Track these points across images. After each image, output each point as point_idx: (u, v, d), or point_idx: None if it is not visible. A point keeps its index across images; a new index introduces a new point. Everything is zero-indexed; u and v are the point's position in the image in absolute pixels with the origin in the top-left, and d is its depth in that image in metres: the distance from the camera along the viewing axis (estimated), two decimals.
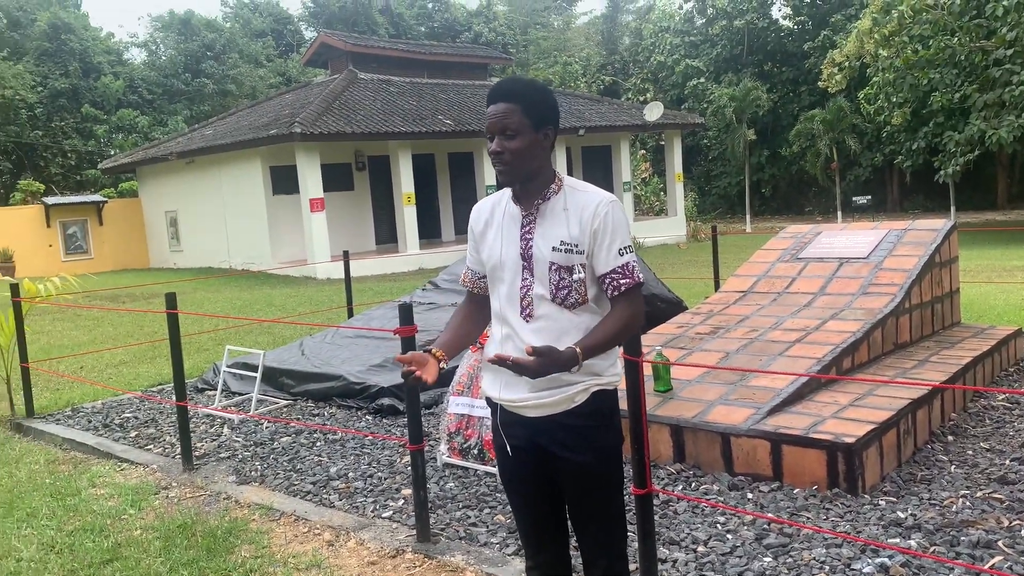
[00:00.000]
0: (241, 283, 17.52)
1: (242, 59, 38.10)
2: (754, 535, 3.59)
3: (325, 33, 25.66)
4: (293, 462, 5.09)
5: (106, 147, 32.54)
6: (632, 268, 2.29)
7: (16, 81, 30.12)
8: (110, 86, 33.63)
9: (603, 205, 2.28)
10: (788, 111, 34.04)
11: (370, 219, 21.85)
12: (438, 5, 47.41)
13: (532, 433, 2.36)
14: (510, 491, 2.53)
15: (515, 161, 2.27)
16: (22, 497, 4.79)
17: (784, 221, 30.17)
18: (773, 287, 6.21)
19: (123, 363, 8.69)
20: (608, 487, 2.39)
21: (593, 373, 2.30)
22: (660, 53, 38.68)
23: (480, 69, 25.98)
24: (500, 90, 2.31)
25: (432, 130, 19.76)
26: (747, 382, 4.71)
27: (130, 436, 5.94)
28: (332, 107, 19.63)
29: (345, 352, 6.88)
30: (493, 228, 2.41)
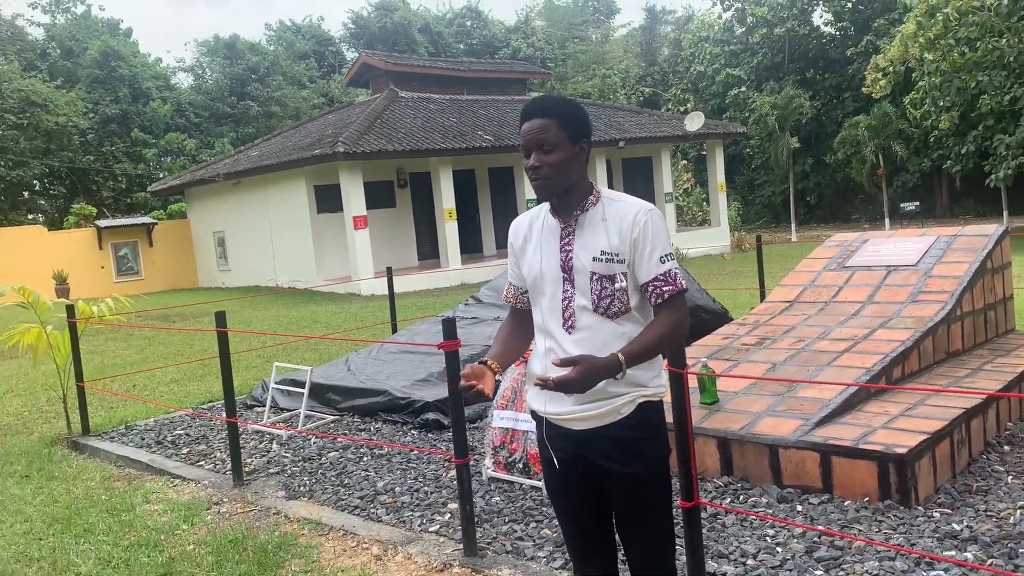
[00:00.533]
0: (288, 300, 17.78)
1: (286, 81, 38.80)
2: (804, 548, 3.53)
3: (366, 53, 26.02)
4: (341, 477, 5.14)
5: (155, 170, 33.32)
6: (675, 275, 2.28)
7: (69, 108, 31.03)
8: (158, 110, 34.48)
9: (642, 214, 2.29)
10: (832, 118, 33.60)
11: (412, 235, 22.05)
12: (476, 22, 47.83)
13: (578, 446, 2.36)
14: (557, 504, 2.53)
15: (553, 175, 2.29)
16: (79, 513, 4.91)
17: (830, 229, 29.72)
18: (820, 296, 6.13)
19: (174, 381, 8.87)
20: (656, 499, 2.37)
21: (638, 384, 2.30)
22: (700, 63, 38.49)
23: (519, 84, 26.12)
24: (535, 106, 2.33)
25: (472, 146, 19.89)
26: (795, 393, 4.65)
27: (182, 453, 6.05)
28: (374, 126, 19.88)
29: (390, 367, 6.95)
30: (532, 242, 2.43)
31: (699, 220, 29.01)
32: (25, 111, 29.92)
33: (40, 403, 8.30)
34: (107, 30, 38.17)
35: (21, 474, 5.84)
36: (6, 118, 29.73)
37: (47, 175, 32.62)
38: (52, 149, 31.20)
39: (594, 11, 53.20)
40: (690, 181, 32.65)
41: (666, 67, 43.12)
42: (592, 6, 53.35)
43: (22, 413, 7.93)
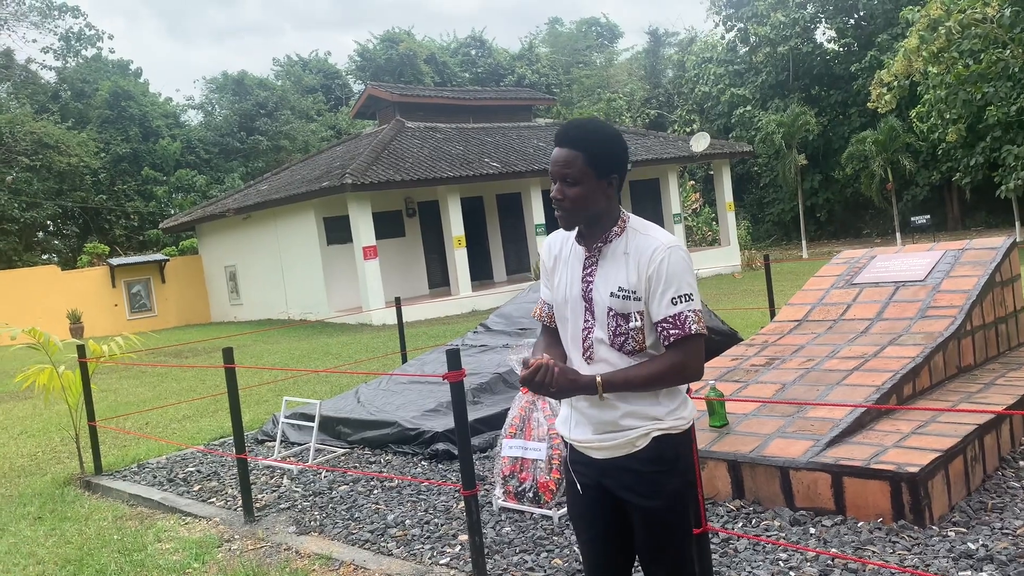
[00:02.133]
0: (300, 333, 17.83)
1: (294, 115, 39.18)
2: (818, 571, 3.49)
3: (372, 85, 26.29)
4: (351, 510, 5.12)
5: (166, 207, 33.63)
6: (684, 319, 2.21)
7: (81, 148, 31.41)
8: (168, 148, 34.86)
9: (659, 251, 2.23)
10: (839, 134, 33.60)
11: (422, 264, 22.12)
12: (481, 51, 48.25)
13: (599, 474, 2.37)
14: (578, 529, 2.52)
15: (574, 208, 2.27)
16: (91, 554, 4.90)
17: (841, 245, 29.62)
18: (828, 315, 6.10)
19: (186, 417, 8.89)
20: (675, 533, 2.35)
21: (652, 418, 2.28)
22: (704, 84, 38.64)
23: (524, 111, 26.28)
24: (566, 136, 2.28)
25: (479, 173, 20.00)
26: (804, 414, 4.62)
27: (193, 490, 6.05)
28: (381, 156, 20.02)
29: (399, 398, 6.94)
30: (561, 263, 2.41)
31: (709, 240, 28.99)
32: (38, 153, 30.31)
33: (54, 443, 8.33)
34: (117, 71, 38.73)
35: (34, 515, 5.85)
36: (19, 160, 30.13)
37: (60, 215, 32.97)
38: (65, 189, 31.57)
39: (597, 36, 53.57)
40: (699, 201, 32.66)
41: (671, 89, 43.30)
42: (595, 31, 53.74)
43: (36, 454, 7.96)
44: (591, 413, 2.32)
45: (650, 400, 2.28)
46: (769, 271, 8.87)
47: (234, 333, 18.23)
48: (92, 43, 39.18)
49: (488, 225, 23.24)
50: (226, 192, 28.93)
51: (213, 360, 12.86)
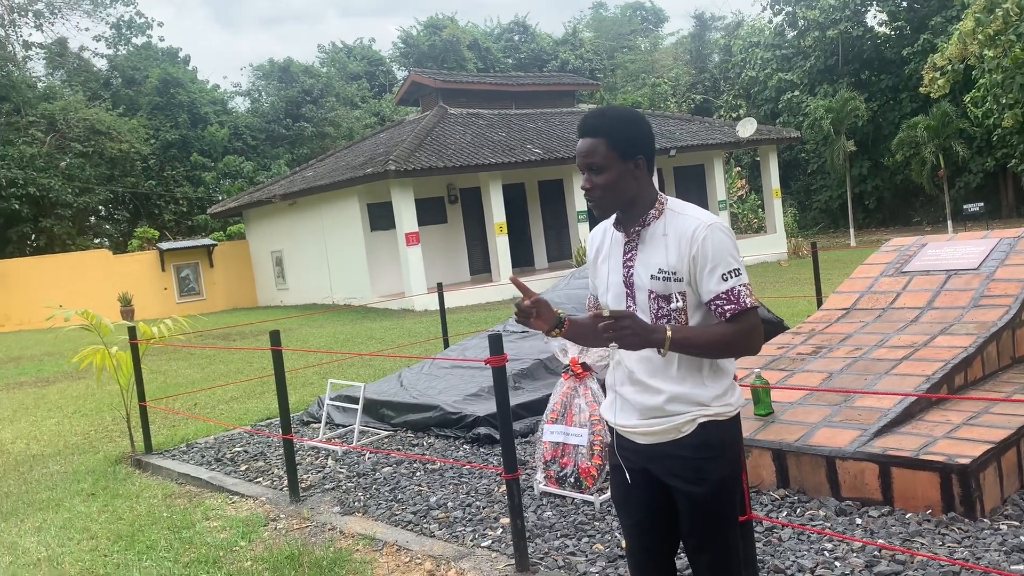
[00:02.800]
0: (343, 317, 18.03)
1: (339, 102, 39.47)
2: (864, 562, 3.44)
3: (415, 72, 26.36)
4: (394, 492, 5.18)
5: (214, 193, 34.16)
6: (737, 293, 2.20)
7: (131, 135, 32.02)
8: (216, 135, 35.37)
9: (701, 229, 2.21)
10: (889, 120, 32.87)
11: (464, 250, 22.19)
12: (524, 37, 48.07)
13: (644, 460, 2.36)
14: (622, 514, 2.51)
15: (605, 196, 2.27)
16: (142, 530, 5.03)
17: (890, 233, 29.03)
18: (877, 303, 5.99)
19: (233, 399, 9.05)
20: (721, 520, 2.33)
21: (699, 403, 2.26)
22: (751, 68, 38.05)
23: (567, 96, 26.14)
24: (585, 125, 2.29)
25: (521, 160, 19.97)
26: (852, 403, 4.55)
27: (240, 470, 6.17)
28: (424, 143, 20.09)
29: (441, 383, 6.98)
30: (603, 254, 2.42)
31: (755, 227, 28.62)
32: (90, 139, 30.97)
33: (106, 422, 8.55)
34: (167, 58, 39.33)
35: (87, 492, 6.02)
36: (73, 147, 30.82)
37: (111, 200, 33.68)
38: (116, 175, 32.22)
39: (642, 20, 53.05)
40: (744, 188, 32.24)
41: (717, 74, 42.72)
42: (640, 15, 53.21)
43: (88, 432, 8.17)
44: (636, 399, 2.31)
45: (696, 384, 2.25)
46: (816, 259, 8.73)
47: (280, 317, 18.50)
48: (142, 31, 39.84)
49: (530, 212, 23.21)
50: (272, 178, 29.30)
51: (260, 343, 13.07)
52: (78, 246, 30.15)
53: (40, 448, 7.69)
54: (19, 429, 8.66)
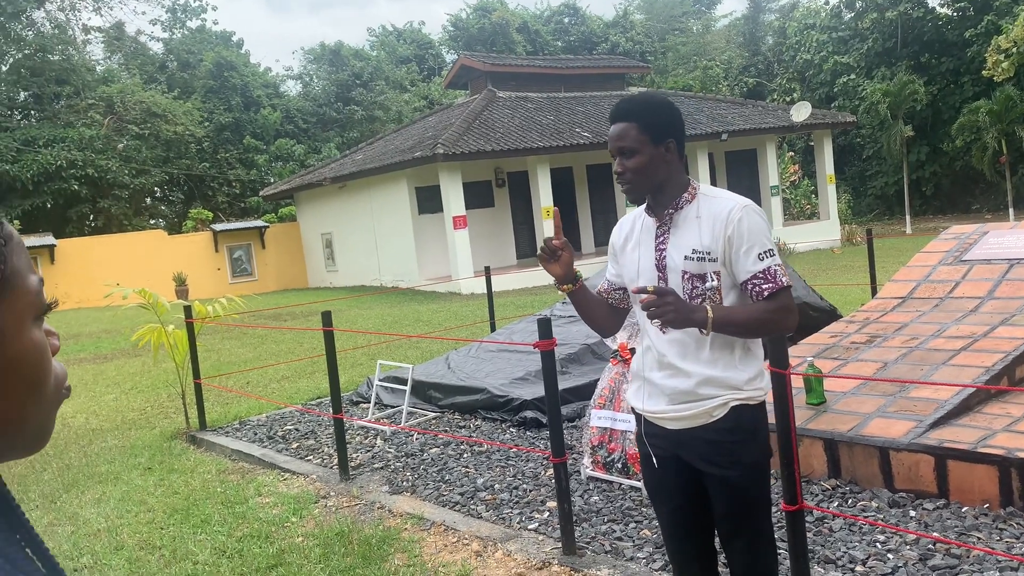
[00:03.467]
0: (391, 300, 18.19)
1: (388, 85, 39.67)
2: (918, 555, 3.38)
3: (465, 55, 26.34)
4: (442, 473, 5.23)
5: (266, 175, 34.65)
6: (774, 272, 2.23)
7: (186, 118, 32.60)
8: (268, 118, 35.83)
9: (736, 211, 2.24)
10: (949, 104, 31.94)
11: (511, 234, 22.20)
12: (574, 19, 47.70)
13: (675, 446, 2.36)
14: (656, 503, 2.52)
15: (637, 179, 2.29)
16: (197, 504, 5.16)
17: (948, 221, 28.28)
18: (935, 292, 5.85)
19: (285, 378, 9.21)
20: (753, 503, 2.34)
21: (731, 387, 2.27)
22: (806, 51, 37.25)
23: (617, 79, 25.90)
24: (616, 111, 2.33)
25: (570, 143, 19.87)
26: (907, 393, 4.46)
27: (291, 447, 6.28)
28: (472, 126, 20.10)
29: (489, 366, 7.02)
30: (632, 242, 2.43)
31: (807, 213, 28.11)
32: (146, 122, 31.61)
33: (161, 399, 8.76)
34: (220, 42, 39.90)
35: (144, 466, 6.19)
36: (130, 129, 31.49)
37: (167, 182, 34.36)
38: (171, 157, 32.86)
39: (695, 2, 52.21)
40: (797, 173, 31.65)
41: (770, 56, 41.94)
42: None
43: (145, 409, 8.39)
44: (666, 383, 2.31)
45: (728, 367, 2.26)
46: (872, 246, 8.56)
47: (329, 298, 18.73)
48: (197, 15, 40.45)
49: (577, 196, 23.12)
50: (323, 161, 29.60)
51: (310, 323, 13.26)
52: (134, 227, 30.85)
53: (99, 423, 7.91)
54: (79, 404, 8.92)
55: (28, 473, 6.23)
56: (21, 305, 0.74)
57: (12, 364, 0.73)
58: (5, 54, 32.53)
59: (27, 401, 0.75)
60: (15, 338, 0.73)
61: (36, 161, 28.50)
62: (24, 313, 0.75)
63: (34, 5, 32.45)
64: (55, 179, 29.01)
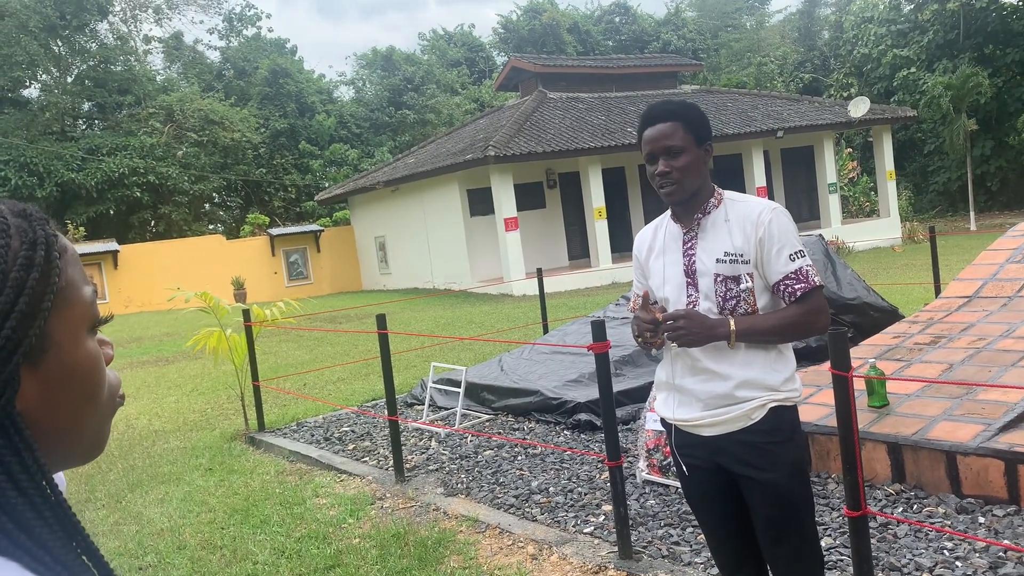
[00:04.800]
0: (444, 302, 18.30)
1: (439, 89, 39.96)
2: (988, 563, 3.27)
3: (515, 57, 26.38)
4: (496, 475, 5.23)
5: (321, 180, 35.19)
6: (806, 272, 2.23)
7: (243, 124, 33.30)
8: (323, 123, 36.39)
9: (766, 213, 2.25)
10: (1015, 96, 30.93)
11: (562, 235, 22.15)
12: (625, 18, 47.44)
13: (712, 453, 2.33)
14: (697, 512, 2.51)
15: (684, 179, 2.27)
16: (256, 505, 5.24)
17: (1015, 217, 27.37)
18: (1002, 291, 5.66)
19: (341, 380, 9.32)
20: (796, 507, 2.30)
21: (769, 388, 2.25)
22: (864, 45, 36.44)
23: (669, 78, 25.68)
24: (658, 111, 2.32)
25: (621, 143, 19.74)
26: (974, 396, 4.32)
27: (348, 449, 6.35)
28: (523, 128, 20.11)
29: (541, 368, 7.00)
30: (655, 251, 2.44)
31: (866, 211, 27.50)
32: (204, 129, 32.37)
33: (221, 401, 8.94)
34: (275, 49, 40.65)
35: (205, 467, 6.31)
36: (188, 136, 32.27)
37: (224, 188, 35.13)
38: (228, 163, 33.58)
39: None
40: (856, 170, 30.97)
41: (827, 51, 41.11)
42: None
43: (205, 410, 8.57)
44: (700, 389, 2.28)
45: (764, 369, 2.25)
46: (935, 244, 8.33)
47: (383, 301, 18.92)
48: (252, 23, 41.29)
49: (630, 196, 22.96)
50: (376, 165, 29.95)
51: (364, 326, 13.40)
52: (194, 232, 31.60)
53: (161, 424, 8.11)
54: (142, 406, 9.16)
55: (95, 473, 6.41)
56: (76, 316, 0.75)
57: (68, 375, 0.74)
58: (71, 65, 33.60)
59: (83, 411, 0.76)
60: (71, 349, 0.74)
61: (100, 169, 29.39)
62: (79, 324, 0.75)
63: (97, 17, 33.45)
64: (118, 186, 29.87)
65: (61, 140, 31.14)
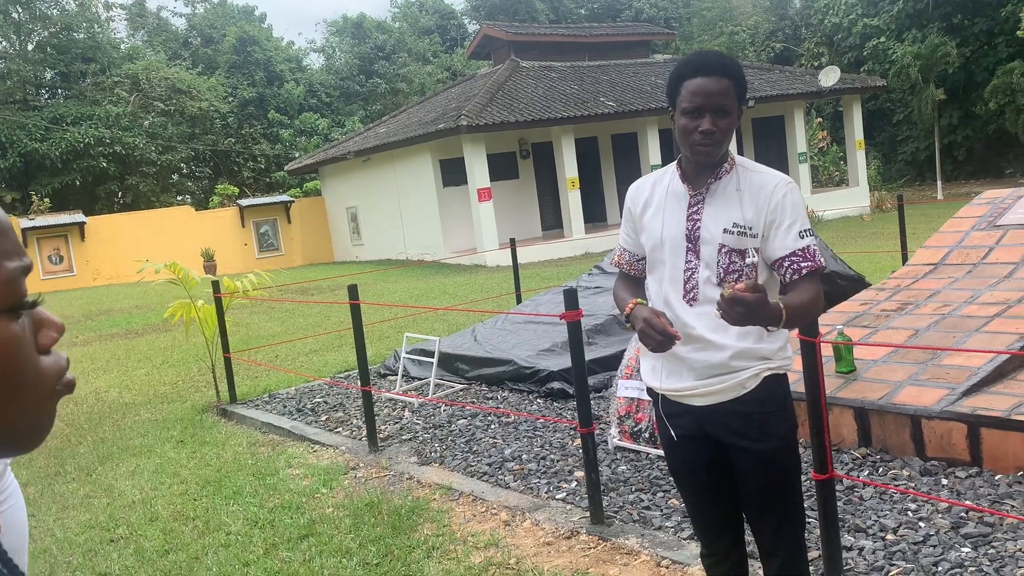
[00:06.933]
0: (417, 273, 18.24)
1: (411, 57, 39.50)
2: (950, 523, 3.35)
3: (487, 25, 26.10)
4: (469, 444, 5.26)
5: (291, 150, 34.75)
6: (814, 251, 2.17)
7: (211, 93, 32.73)
8: (292, 92, 35.87)
9: (781, 187, 2.19)
10: (982, 66, 31.19)
11: (535, 206, 22.12)
12: None
13: (701, 422, 2.28)
14: (681, 483, 2.46)
15: (723, 141, 2.18)
16: (229, 476, 5.23)
17: (980, 186, 27.74)
18: (968, 258, 5.75)
19: (313, 351, 9.29)
20: (786, 475, 2.30)
21: (763, 357, 2.21)
22: (835, 14, 36.51)
23: (642, 47, 25.57)
24: (714, 63, 2.17)
25: (594, 113, 19.69)
26: (939, 361, 4.40)
27: (321, 420, 6.34)
28: (496, 97, 19.97)
29: (515, 337, 7.02)
30: (653, 207, 2.32)
31: (835, 180, 27.71)
32: (172, 98, 31.79)
33: (192, 373, 8.88)
34: (242, 16, 39.91)
35: (176, 439, 6.28)
36: (155, 105, 31.68)
37: (193, 158, 34.60)
38: (196, 133, 33.04)
39: None
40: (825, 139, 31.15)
41: (798, 21, 41.15)
42: None
43: (176, 382, 8.51)
44: (693, 358, 2.21)
45: (759, 338, 2.20)
46: (903, 212, 8.43)
47: (355, 272, 18.82)
48: None
49: (603, 166, 22.94)
50: (347, 135, 29.62)
51: (336, 297, 13.33)
52: (162, 203, 31.12)
53: (132, 396, 8.04)
54: (112, 379, 9.07)
55: (64, 447, 6.36)
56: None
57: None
58: (31, 32, 32.75)
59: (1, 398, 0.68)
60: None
61: (64, 139, 28.79)
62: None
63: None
64: (84, 157, 29.30)
65: (24, 110, 30.43)
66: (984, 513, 3.36)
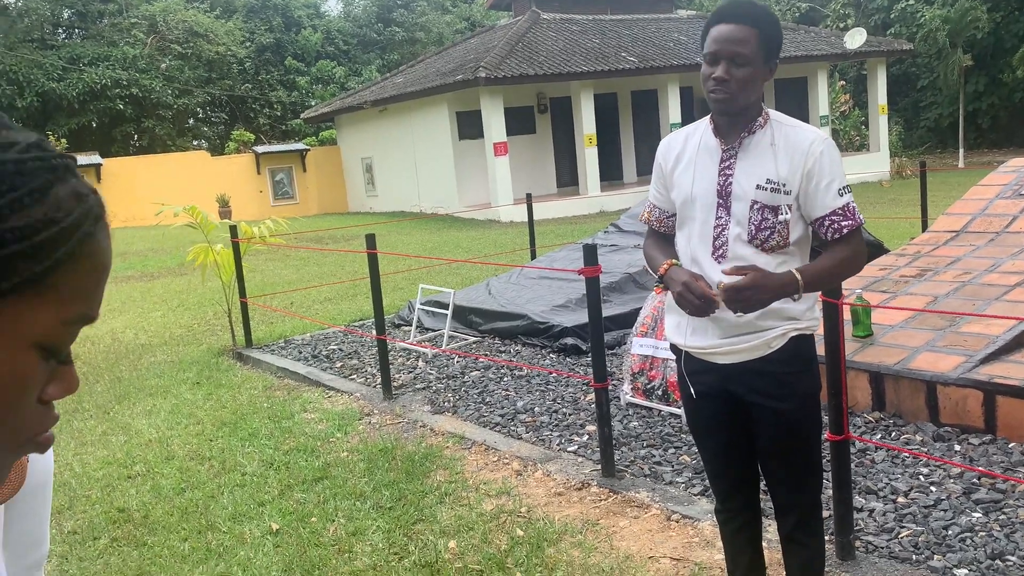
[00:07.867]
0: (430, 226, 18.22)
1: (429, 6, 38.94)
2: (962, 489, 3.37)
3: None
4: (482, 395, 5.29)
5: (307, 98, 34.49)
6: (852, 209, 2.14)
7: (228, 38, 32.42)
8: (309, 39, 35.49)
9: (818, 143, 2.13)
10: (1013, 32, 30.53)
11: (552, 162, 21.95)
12: None
13: (724, 380, 2.27)
14: (700, 440, 2.47)
15: (739, 92, 2.10)
16: (244, 418, 5.30)
17: (1004, 155, 27.34)
18: (990, 226, 5.69)
19: (328, 299, 9.33)
20: (807, 436, 2.29)
21: (790, 317, 2.19)
22: None
23: (666, 2, 25.12)
24: (737, 10, 2.11)
25: (615, 68, 19.42)
26: (957, 328, 4.38)
27: (336, 366, 6.39)
28: (515, 50, 19.71)
29: (529, 292, 7.03)
30: (684, 162, 2.27)
31: (856, 145, 27.36)
32: (189, 41, 31.52)
33: (207, 317, 8.94)
34: None
35: (192, 381, 6.35)
36: (172, 48, 31.44)
37: (209, 103, 34.39)
38: (213, 78, 32.81)
39: None
40: (848, 103, 30.69)
41: None
42: None
43: (192, 326, 8.58)
44: (721, 316, 2.18)
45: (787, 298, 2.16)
46: (924, 179, 8.33)
47: (370, 223, 18.81)
48: None
49: (621, 123, 22.69)
50: (363, 84, 29.37)
51: (351, 247, 13.35)
52: (178, 147, 31.04)
53: (148, 338, 8.12)
54: (128, 320, 9.15)
55: (82, 385, 6.43)
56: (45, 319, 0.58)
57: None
58: None
59: None
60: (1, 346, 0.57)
61: (81, 79, 28.66)
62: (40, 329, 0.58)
63: None
64: (100, 98, 29.19)
65: (41, 49, 30.26)
66: (997, 479, 3.38)
